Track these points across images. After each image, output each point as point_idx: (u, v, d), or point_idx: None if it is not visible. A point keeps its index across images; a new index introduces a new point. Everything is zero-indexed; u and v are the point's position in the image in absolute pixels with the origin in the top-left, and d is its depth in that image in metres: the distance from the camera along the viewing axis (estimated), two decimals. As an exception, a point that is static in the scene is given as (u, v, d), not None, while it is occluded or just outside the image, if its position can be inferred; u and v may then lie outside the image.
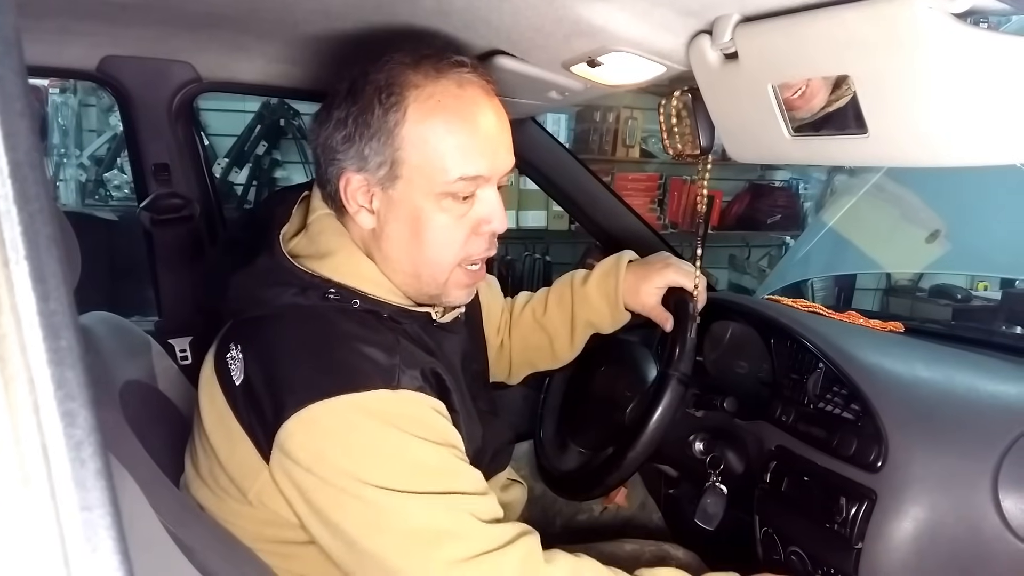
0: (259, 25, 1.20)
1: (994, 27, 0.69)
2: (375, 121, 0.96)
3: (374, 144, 0.97)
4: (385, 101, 0.96)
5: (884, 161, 0.82)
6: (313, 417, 0.88)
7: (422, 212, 0.99)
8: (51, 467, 0.35)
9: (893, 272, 4.62)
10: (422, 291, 1.06)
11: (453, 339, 1.13)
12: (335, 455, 0.88)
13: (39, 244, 0.34)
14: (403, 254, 1.02)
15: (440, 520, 0.89)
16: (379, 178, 0.99)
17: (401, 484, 0.88)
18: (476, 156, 0.99)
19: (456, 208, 1.00)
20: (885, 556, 1.02)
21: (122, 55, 1.40)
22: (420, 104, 0.96)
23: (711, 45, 0.86)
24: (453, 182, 0.98)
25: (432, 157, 0.97)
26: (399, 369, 0.92)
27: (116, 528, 0.37)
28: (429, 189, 0.98)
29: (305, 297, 0.97)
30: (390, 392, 0.91)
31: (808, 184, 5.01)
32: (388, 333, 0.97)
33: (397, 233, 1.01)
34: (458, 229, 1.02)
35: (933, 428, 1.08)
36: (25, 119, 0.34)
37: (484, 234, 1.04)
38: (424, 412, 0.94)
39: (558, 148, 1.83)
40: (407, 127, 0.96)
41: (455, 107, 0.97)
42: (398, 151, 0.97)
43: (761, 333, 1.38)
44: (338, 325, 0.96)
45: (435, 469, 0.92)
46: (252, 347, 0.97)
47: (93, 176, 3.65)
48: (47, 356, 0.34)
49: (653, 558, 1.32)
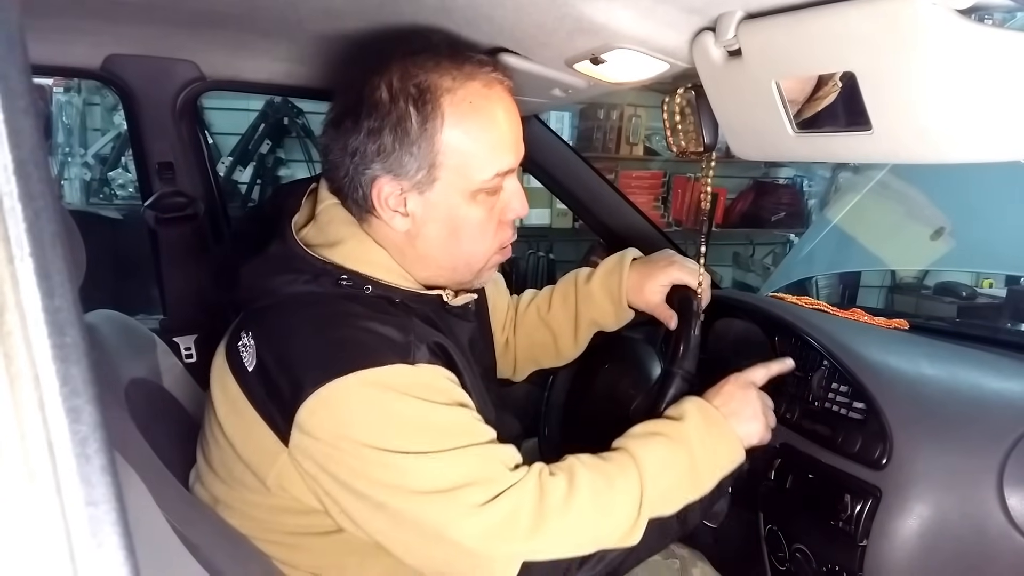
0: (263, 23, 1.20)
1: (998, 24, 0.69)
2: (414, 129, 0.98)
3: (414, 151, 0.99)
4: (422, 109, 0.98)
5: (888, 158, 0.81)
6: (332, 395, 0.90)
7: (459, 210, 1.03)
8: (56, 463, 0.35)
9: (898, 269, 4.61)
10: (455, 280, 1.10)
11: (464, 326, 1.15)
12: (356, 430, 0.90)
13: (44, 241, 0.34)
14: (441, 252, 1.06)
15: (466, 470, 0.91)
16: (416, 182, 1.01)
17: (424, 446, 0.90)
18: (507, 152, 1.03)
19: (488, 202, 1.05)
20: (890, 553, 1.02)
21: (126, 54, 1.40)
22: (455, 108, 0.98)
23: (715, 42, 0.86)
24: (490, 179, 1.02)
25: (469, 158, 1.00)
26: (414, 345, 0.95)
27: (121, 524, 0.37)
28: (466, 188, 1.02)
29: (318, 284, 0.99)
30: (407, 366, 0.93)
31: (812, 181, 5.00)
32: (401, 315, 0.99)
33: (435, 233, 1.04)
34: (491, 221, 1.07)
35: (938, 425, 1.07)
36: (29, 116, 0.34)
37: (509, 221, 1.10)
38: (440, 381, 0.96)
39: (562, 146, 1.83)
40: (445, 132, 0.98)
41: (486, 108, 1.01)
42: (437, 156, 0.99)
43: (765, 331, 1.38)
44: (351, 308, 0.97)
45: (454, 427, 0.94)
46: (264, 333, 0.99)
47: (97, 175, 3.66)
48: (52, 352, 0.34)
49: (657, 556, 1.32)
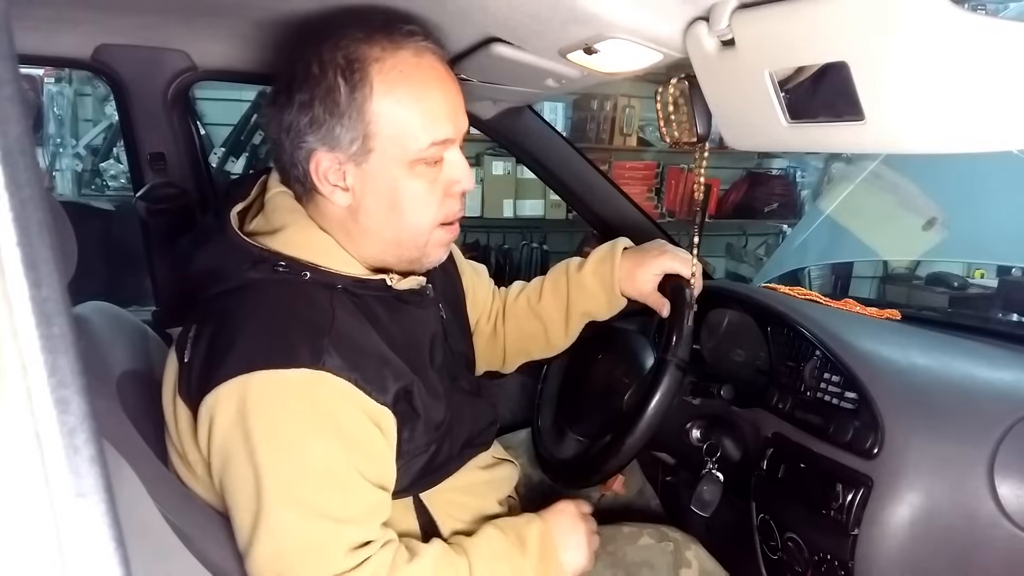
0: (254, 12, 1.20)
1: (991, 13, 0.69)
2: (343, 100, 0.98)
3: (344, 122, 0.99)
4: (350, 79, 0.98)
5: (881, 148, 0.81)
6: (231, 391, 0.92)
7: (398, 181, 1.02)
8: (44, 454, 0.34)
9: (890, 260, 4.62)
10: (403, 257, 1.09)
11: (419, 314, 1.13)
12: (239, 431, 0.92)
13: (31, 231, 0.34)
14: (383, 225, 1.05)
15: (302, 537, 0.92)
16: (351, 154, 1.01)
17: (285, 481, 0.91)
18: (443, 120, 1.02)
19: (428, 173, 1.04)
20: (881, 542, 1.02)
21: (117, 43, 1.39)
22: (383, 76, 0.99)
23: (708, 32, 0.86)
24: (425, 148, 1.01)
25: (402, 127, 1.00)
26: (327, 350, 0.94)
27: (111, 515, 0.36)
28: (403, 158, 1.01)
29: (257, 271, 1.00)
30: (311, 372, 0.92)
31: (805, 172, 5.01)
32: (327, 310, 0.98)
33: (375, 205, 1.04)
34: (432, 193, 1.05)
35: (929, 415, 1.08)
36: (16, 105, 0.33)
37: (455, 194, 1.08)
38: (338, 403, 0.95)
39: (555, 137, 1.83)
40: (375, 101, 0.98)
41: (416, 76, 1.00)
42: (369, 125, 0.99)
43: (758, 321, 1.38)
44: (278, 300, 0.98)
45: (322, 477, 0.94)
46: (202, 325, 1.01)
47: (89, 166, 3.64)
48: (40, 343, 0.34)
49: (651, 540, 1.32)
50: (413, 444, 1.05)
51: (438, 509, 1.14)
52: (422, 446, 1.07)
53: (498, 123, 1.70)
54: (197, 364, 0.98)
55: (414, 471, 1.07)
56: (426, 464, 1.08)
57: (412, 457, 1.06)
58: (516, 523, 1.12)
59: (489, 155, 4.18)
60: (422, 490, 1.13)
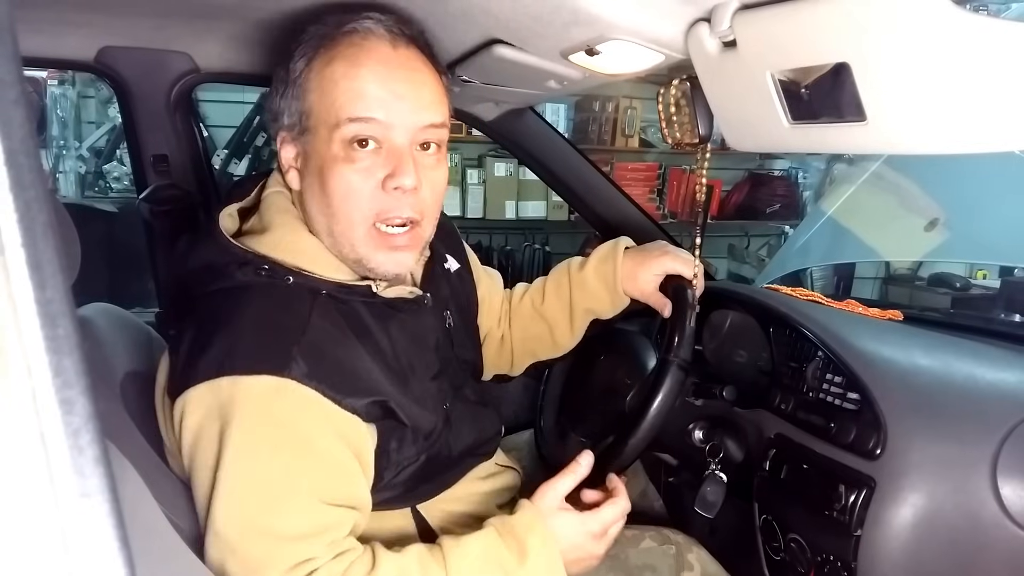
0: (256, 14, 1.20)
1: (994, 14, 0.69)
2: (288, 75, 1.02)
3: (287, 97, 1.02)
4: (298, 58, 1.01)
5: (883, 149, 0.81)
6: (199, 395, 0.93)
7: (325, 161, 1.00)
8: (49, 455, 0.35)
9: (892, 261, 4.62)
10: (343, 254, 1.04)
11: (413, 323, 1.10)
12: (204, 435, 0.92)
13: (35, 232, 0.34)
14: (317, 210, 1.03)
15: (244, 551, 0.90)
16: (294, 134, 1.03)
17: (234, 496, 0.91)
18: (368, 99, 0.98)
19: (362, 159, 0.99)
20: (884, 543, 1.02)
21: (120, 46, 1.40)
22: (323, 54, 1.00)
23: (710, 33, 0.86)
24: (345, 124, 0.98)
25: (328, 101, 0.99)
26: (294, 359, 0.92)
27: (115, 515, 0.37)
28: (328, 135, 0.99)
29: (242, 273, 0.99)
30: (275, 379, 0.91)
31: (807, 173, 5.00)
32: (303, 317, 0.97)
33: (310, 187, 1.03)
34: (364, 182, 0.99)
35: (932, 416, 1.08)
36: (20, 107, 0.33)
37: (393, 192, 1.00)
38: (300, 414, 0.93)
39: (557, 138, 1.83)
40: (312, 77, 1.00)
41: (352, 55, 0.99)
42: (302, 101, 1.01)
43: (760, 322, 1.38)
44: (256, 305, 0.97)
45: (270, 494, 0.92)
46: (188, 325, 1.00)
47: (93, 168, 3.65)
48: (44, 344, 0.34)
49: (654, 543, 1.32)
50: (402, 454, 1.04)
51: (436, 520, 1.13)
52: (412, 456, 1.05)
53: (500, 124, 1.70)
54: (178, 365, 0.98)
55: (406, 480, 1.06)
56: (418, 473, 1.07)
57: (402, 467, 1.05)
58: (515, 526, 1.03)
59: (491, 156, 4.19)
60: (420, 501, 1.12)
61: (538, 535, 1.02)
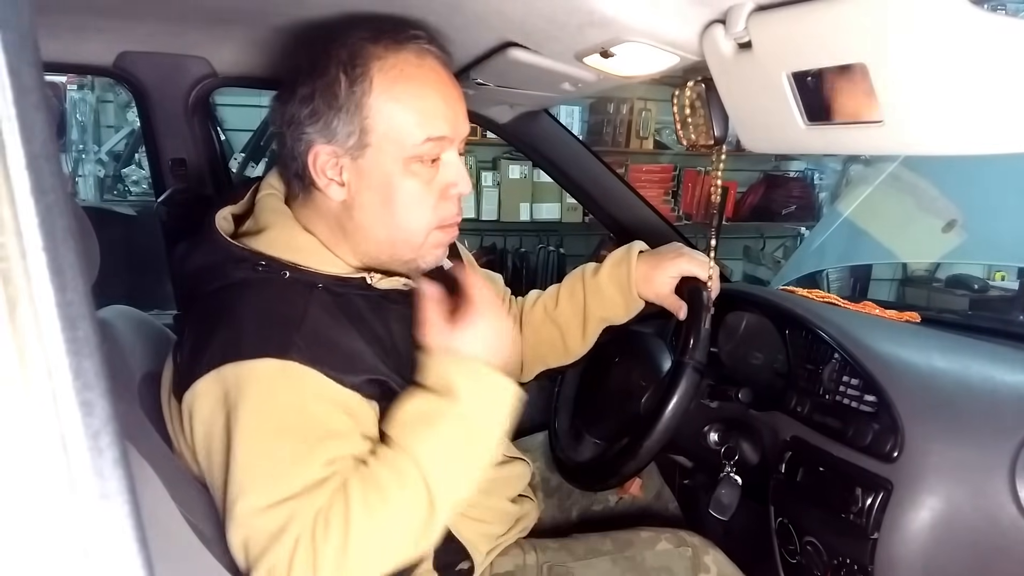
0: (273, 20, 1.21)
1: (1011, 14, 0.68)
2: (342, 93, 1.00)
3: (342, 116, 1.01)
4: (351, 74, 1.00)
5: (899, 150, 0.81)
6: (206, 386, 0.94)
7: (392, 178, 1.03)
8: (69, 457, 0.35)
9: (909, 262, 4.58)
10: (396, 257, 1.09)
11: (408, 314, 1.09)
12: (217, 423, 0.93)
13: (56, 236, 0.34)
14: (376, 222, 1.05)
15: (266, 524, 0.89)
16: (348, 148, 1.02)
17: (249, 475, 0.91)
18: (440, 119, 1.03)
19: (424, 173, 1.04)
20: (901, 546, 1.02)
21: (138, 51, 1.41)
22: (384, 74, 1.00)
23: (724, 34, 0.86)
24: (420, 144, 1.02)
25: (399, 123, 1.01)
26: (295, 345, 0.94)
27: (134, 517, 0.37)
28: (398, 154, 1.02)
29: (239, 270, 1.02)
30: (277, 361, 0.92)
31: (823, 174, 4.97)
32: (301, 308, 0.99)
33: (369, 201, 1.04)
34: (428, 194, 1.05)
35: (950, 418, 1.07)
36: (41, 112, 0.34)
37: (452, 198, 1.08)
38: (304, 390, 0.94)
39: (572, 140, 1.83)
40: (373, 96, 1.00)
41: (417, 75, 1.02)
42: (366, 120, 1.01)
43: (776, 324, 1.38)
44: (255, 299, 0.99)
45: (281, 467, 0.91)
46: (190, 324, 1.03)
47: (111, 172, 3.68)
48: (65, 347, 0.34)
49: (669, 545, 1.32)
50: None
51: None
52: None
53: (514, 127, 1.70)
54: (182, 363, 1.00)
55: None
56: None
57: None
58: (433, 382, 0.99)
59: (506, 159, 4.19)
60: None
61: (456, 372, 0.99)
